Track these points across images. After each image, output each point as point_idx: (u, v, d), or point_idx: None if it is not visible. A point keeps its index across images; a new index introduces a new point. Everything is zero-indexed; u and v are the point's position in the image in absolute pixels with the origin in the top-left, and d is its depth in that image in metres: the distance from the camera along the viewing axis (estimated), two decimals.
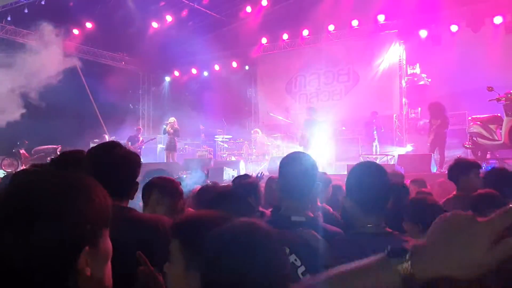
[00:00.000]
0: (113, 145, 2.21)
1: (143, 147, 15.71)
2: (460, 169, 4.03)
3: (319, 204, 3.27)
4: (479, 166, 4.14)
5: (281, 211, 2.32)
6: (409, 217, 2.75)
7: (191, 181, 5.66)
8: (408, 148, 13.47)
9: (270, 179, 4.40)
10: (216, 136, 16.12)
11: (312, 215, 2.28)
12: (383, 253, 0.90)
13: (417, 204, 2.86)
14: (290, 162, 2.36)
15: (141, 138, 15.77)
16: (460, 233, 0.83)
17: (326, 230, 2.28)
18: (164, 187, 2.78)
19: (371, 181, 2.16)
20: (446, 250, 0.84)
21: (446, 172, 4.34)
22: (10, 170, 12.68)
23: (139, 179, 2.25)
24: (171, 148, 14.21)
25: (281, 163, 2.38)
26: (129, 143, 15.57)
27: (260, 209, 3.92)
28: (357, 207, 2.14)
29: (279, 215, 2.34)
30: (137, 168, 2.18)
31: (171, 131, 14.12)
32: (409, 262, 0.86)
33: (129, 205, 2.23)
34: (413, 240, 2.06)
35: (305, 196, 2.30)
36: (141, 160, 2.24)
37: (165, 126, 14.33)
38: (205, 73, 18.20)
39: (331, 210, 3.78)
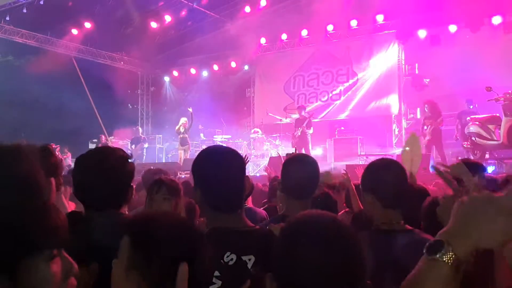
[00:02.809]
0: (102, 154, 2.09)
1: (146, 145, 15.76)
2: None
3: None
4: (484, 169, 4.06)
5: (282, 211, 2.33)
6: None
7: None
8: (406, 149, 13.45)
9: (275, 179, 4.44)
10: (215, 136, 16.12)
11: None
12: (424, 255, 0.99)
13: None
14: (294, 164, 2.39)
15: (142, 136, 15.83)
16: (483, 210, 0.97)
17: None
18: (172, 187, 2.91)
19: (396, 177, 2.17)
20: (476, 227, 0.97)
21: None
22: None
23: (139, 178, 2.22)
24: (184, 145, 14.44)
25: (285, 164, 2.39)
26: (133, 146, 15.63)
27: (251, 205, 3.95)
28: (380, 203, 2.15)
29: (278, 215, 2.35)
30: (128, 175, 2.07)
31: (182, 130, 14.38)
32: (450, 249, 0.97)
33: None
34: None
35: (306, 198, 2.32)
36: (134, 163, 2.15)
37: (180, 128, 14.49)
38: (204, 73, 18.18)
39: None
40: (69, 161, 14.15)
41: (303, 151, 12.78)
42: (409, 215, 2.55)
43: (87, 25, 15.62)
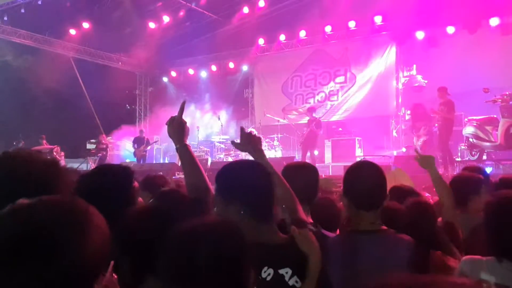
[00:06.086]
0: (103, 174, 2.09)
1: (149, 148, 15.73)
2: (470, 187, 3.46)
3: None
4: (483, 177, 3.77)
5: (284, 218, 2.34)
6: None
7: None
8: (402, 150, 13.50)
9: None
10: (213, 137, 16.12)
11: (312, 221, 2.32)
12: None
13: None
14: (294, 169, 2.41)
15: (146, 138, 15.79)
16: None
17: (325, 236, 2.31)
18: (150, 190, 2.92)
19: (367, 179, 2.18)
20: None
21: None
22: None
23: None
24: None
25: (285, 169, 2.42)
26: (135, 145, 15.61)
27: None
28: (353, 205, 2.17)
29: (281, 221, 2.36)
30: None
31: None
32: None
33: None
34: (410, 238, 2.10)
35: (307, 203, 2.33)
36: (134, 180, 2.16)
37: None
38: (203, 74, 18.18)
39: None
40: (62, 161, 14.11)
41: (308, 151, 12.79)
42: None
43: (85, 25, 15.62)
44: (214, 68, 17.73)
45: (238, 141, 2.38)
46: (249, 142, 2.31)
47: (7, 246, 0.89)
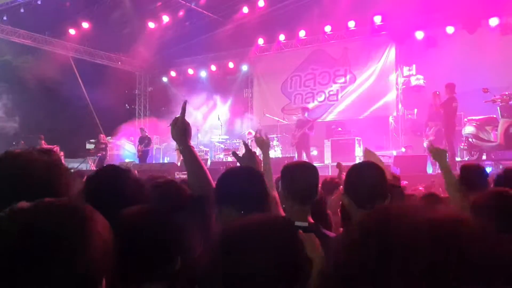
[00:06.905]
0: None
1: (148, 148, 15.74)
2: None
3: None
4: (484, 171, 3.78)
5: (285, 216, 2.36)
6: None
7: None
8: (401, 150, 13.50)
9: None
10: (212, 137, 16.11)
11: (313, 221, 2.33)
12: None
13: None
14: (296, 169, 2.42)
15: (148, 137, 15.79)
16: None
17: (326, 236, 2.32)
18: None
19: (368, 179, 2.20)
20: None
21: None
22: None
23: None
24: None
25: (286, 169, 2.43)
26: (140, 145, 15.63)
27: None
28: (354, 204, 2.17)
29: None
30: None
31: None
32: None
33: None
34: None
35: (308, 202, 2.34)
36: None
37: None
38: (202, 74, 18.18)
39: None
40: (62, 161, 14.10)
41: (303, 153, 12.81)
42: None
43: (85, 25, 15.61)
44: (213, 68, 17.72)
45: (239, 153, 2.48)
46: (250, 159, 2.40)
47: (3, 251, 0.87)
